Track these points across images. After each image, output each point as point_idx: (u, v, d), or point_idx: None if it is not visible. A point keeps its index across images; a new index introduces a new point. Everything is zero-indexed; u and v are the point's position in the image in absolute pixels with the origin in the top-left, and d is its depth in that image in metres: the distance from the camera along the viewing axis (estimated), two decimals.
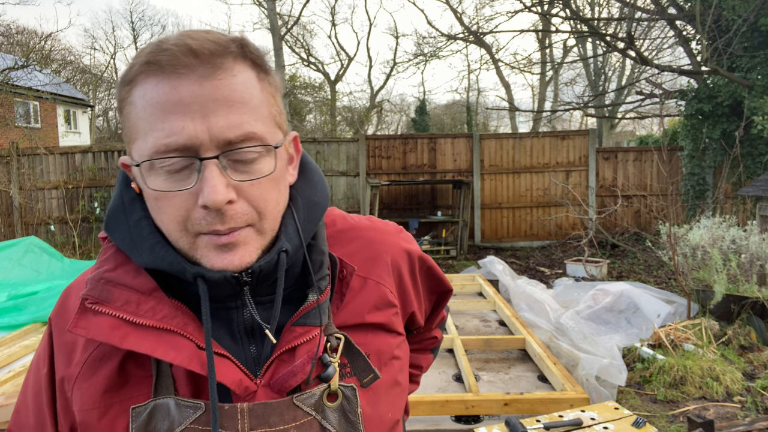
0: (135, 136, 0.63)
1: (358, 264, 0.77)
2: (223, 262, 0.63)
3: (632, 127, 26.90)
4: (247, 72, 0.64)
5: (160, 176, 0.62)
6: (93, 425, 0.66)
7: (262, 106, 0.64)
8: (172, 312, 0.65)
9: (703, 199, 8.88)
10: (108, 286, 0.66)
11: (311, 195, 0.74)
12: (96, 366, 0.67)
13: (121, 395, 0.66)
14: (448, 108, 30.27)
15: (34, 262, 7.22)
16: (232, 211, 0.61)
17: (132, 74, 0.62)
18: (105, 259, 0.69)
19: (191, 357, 0.63)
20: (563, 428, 1.95)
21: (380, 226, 0.85)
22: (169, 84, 0.60)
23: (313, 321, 0.68)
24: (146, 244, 0.66)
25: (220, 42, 0.62)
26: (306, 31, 31.08)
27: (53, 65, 21.83)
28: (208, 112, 0.60)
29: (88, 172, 10.02)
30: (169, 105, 0.60)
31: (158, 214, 0.64)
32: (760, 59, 7.89)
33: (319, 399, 0.67)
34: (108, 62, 30.83)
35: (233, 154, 0.62)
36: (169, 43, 0.61)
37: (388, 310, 0.78)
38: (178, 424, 0.63)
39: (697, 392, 3.66)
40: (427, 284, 0.92)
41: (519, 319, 3.69)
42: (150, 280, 0.66)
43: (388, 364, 0.76)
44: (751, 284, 4.73)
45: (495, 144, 10.22)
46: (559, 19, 13.73)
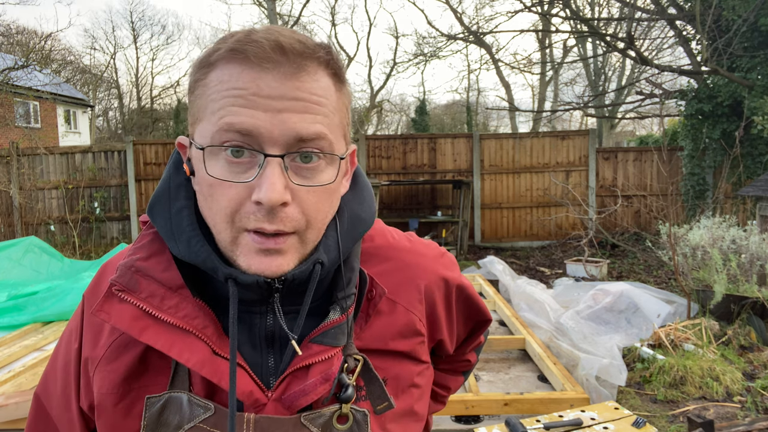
0: (201, 117, 0.62)
1: (390, 286, 0.74)
2: (261, 265, 0.61)
3: (632, 127, 26.91)
4: (327, 79, 0.63)
5: (220, 162, 0.61)
6: (108, 409, 0.67)
7: (335, 114, 0.64)
8: (194, 312, 0.64)
9: (703, 199, 8.88)
10: (137, 276, 0.65)
11: (358, 210, 0.72)
12: (120, 352, 0.67)
13: (139, 383, 0.67)
14: (448, 108, 30.27)
15: (34, 262, 7.22)
16: (282, 214, 0.60)
17: (214, 58, 0.61)
18: (140, 247, 0.69)
19: (204, 362, 0.63)
20: (563, 428, 1.95)
21: (420, 249, 0.81)
22: (250, 74, 0.59)
23: (330, 341, 0.66)
24: (184, 236, 0.65)
25: (309, 45, 0.62)
26: (306, 31, 31.07)
27: (53, 65, 21.82)
28: (284, 109, 0.59)
29: (88, 172, 10.02)
30: (245, 93, 0.59)
31: (208, 201, 0.62)
32: (760, 59, 7.88)
33: (329, 420, 0.65)
34: (108, 62, 30.81)
35: (298, 155, 0.61)
36: (259, 35, 0.60)
37: (414, 338, 0.75)
38: (188, 421, 0.64)
39: (697, 392, 3.66)
40: (464, 313, 0.88)
41: (519, 319, 3.69)
42: (178, 277, 0.66)
43: (406, 392, 0.74)
44: (751, 284, 4.73)
45: (495, 144, 10.22)
46: (559, 19, 13.74)
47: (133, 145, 9.98)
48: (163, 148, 10.10)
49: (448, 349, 0.88)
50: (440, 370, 0.97)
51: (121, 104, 30.83)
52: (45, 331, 5.03)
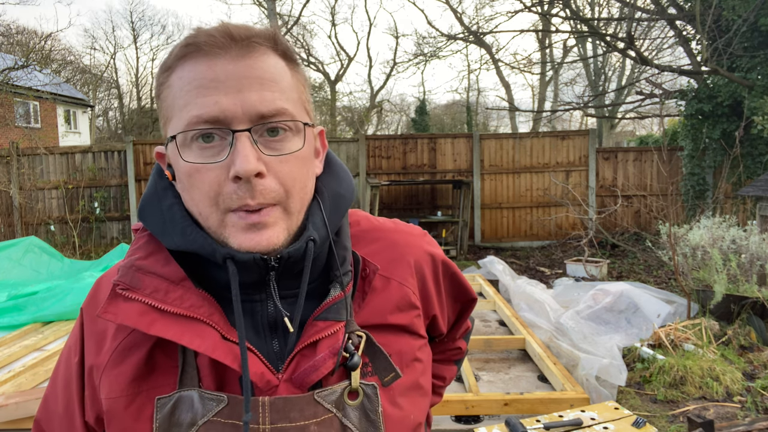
0: (171, 115, 0.66)
1: (381, 264, 0.77)
2: (251, 242, 0.64)
3: (632, 127, 26.91)
4: (277, 58, 0.67)
5: (194, 150, 0.64)
6: (119, 413, 0.67)
7: (292, 90, 0.68)
8: (199, 301, 0.67)
9: (703, 199, 8.88)
10: (138, 274, 0.67)
11: (337, 187, 0.75)
12: (125, 354, 0.68)
13: (148, 384, 0.67)
14: (448, 108, 30.27)
15: (34, 262, 7.22)
16: (261, 186, 0.63)
17: (171, 60, 0.66)
18: (137, 248, 0.71)
19: (216, 346, 0.64)
20: (563, 428, 1.95)
21: (404, 229, 0.85)
22: (205, 63, 0.63)
23: (335, 316, 0.68)
24: (178, 227, 0.67)
25: (254, 29, 0.66)
26: (306, 31, 31.10)
27: (53, 65, 21.82)
28: (242, 88, 0.63)
29: (88, 172, 10.02)
30: (204, 81, 0.63)
31: (190, 191, 0.65)
32: (760, 59, 7.89)
33: (340, 396, 0.67)
34: (108, 62, 30.82)
35: (264, 127, 0.64)
36: (208, 29, 0.65)
37: (410, 311, 0.78)
38: (201, 416, 0.64)
39: (697, 392, 3.66)
40: (451, 291, 0.91)
41: (519, 319, 3.69)
42: (179, 270, 0.68)
43: (410, 366, 0.76)
44: (751, 284, 4.73)
45: (495, 144, 10.22)
46: (559, 19, 13.74)
47: (133, 145, 9.98)
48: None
49: (442, 329, 0.90)
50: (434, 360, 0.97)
51: (121, 104, 30.84)
52: (45, 331, 5.03)
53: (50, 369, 4.00)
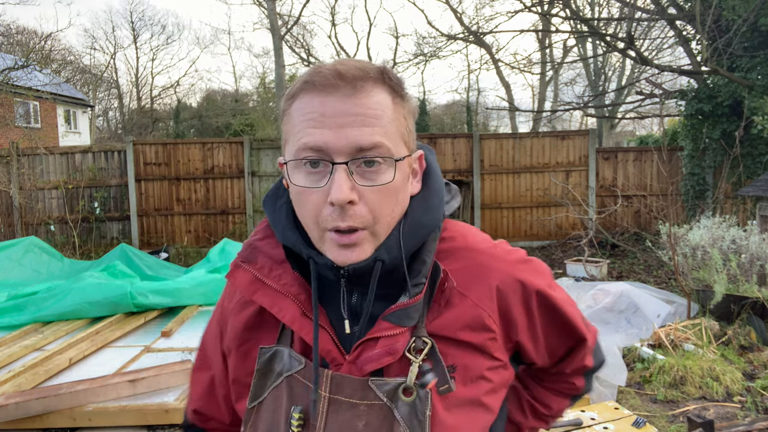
0: (288, 140, 0.78)
1: (461, 282, 0.82)
2: (342, 257, 0.75)
3: (632, 127, 26.91)
4: (383, 94, 0.76)
5: (301, 174, 0.75)
6: (233, 351, 0.88)
7: (391, 124, 0.76)
8: (292, 281, 0.82)
9: (703, 199, 8.88)
10: (255, 251, 0.86)
11: (421, 215, 0.82)
12: (243, 307, 0.88)
13: (256, 334, 0.86)
14: (448, 108, 30.26)
15: (34, 262, 7.21)
16: (351, 211, 0.73)
17: (293, 91, 0.78)
18: (260, 230, 0.90)
19: (295, 319, 0.79)
20: (563, 428, 1.95)
21: (497, 253, 0.88)
22: (318, 100, 0.74)
23: (397, 320, 0.77)
24: (281, 225, 0.83)
25: (364, 68, 0.76)
26: (306, 31, 31.08)
27: (53, 65, 21.80)
28: (345, 124, 0.73)
29: (88, 172, 10.02)
30: (315, 116, 0.74)
31: (299, 206, 0.78)
32: (760, 59, 7.88)
33: (394, 389, 0.76)
34: (108, 62, 30.80)
35: (362, 161, 0.73)
36: (324, 67, 0.75)
37: (483, 333, 0.81)
38: (287, 370, 0.81)
39: (697, 392, 3.66)
40: (551, 323, 0.91)
41: None
42: (282, 253, 0.83)
43: (475, 382, 0.81)
44: (751, 284, 4.73)
45: (495, 144, 10.22)
46: (559, 19, 13.73)
47: (133, 145, 9.98)
48: (162, 148, 10.11)
49: (533, 358, 0.92)
50: (543, 388, 1.04)
51: (121, 104, 30.84)
52: (45, 331, 5.03)
53: (50, 369, 4.00)
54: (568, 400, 1.06)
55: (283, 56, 19.76)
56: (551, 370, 1.00)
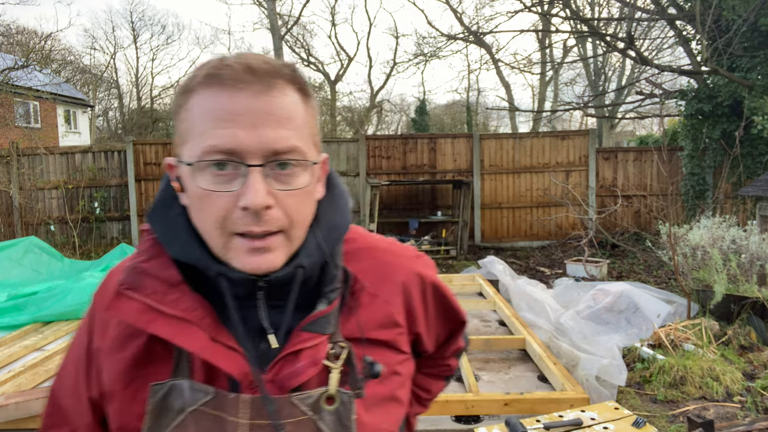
0: (187, 139, 0.70)
1: (370, 281, 0.82)
2: (253, 264, 0.69)
3: (632, 127, 26.90)
4: (295, 94, 0.72)
5: (207, 176, 0.68)
6: (117, 394, 0.76)
7: (304, 126, 0.72)
8: (194, 305, 0.72)
9: (703, 199, 8.88)
10: (141, 276, 0.74)
11: (334, 217, 0.80)
12: (125, 342, 0.76)
13: (145, 370, 0.75)
14: (448, 108, 30.26)
15: (34, 262, 7.21)
16: (267, 216, 0.68)
17: (193, 84, 0.70)
18: (142, 251, 0.77)
19: (204, 347, 0.70)
20: (563, 428, 1.95)
21: (397, 250, 0.90)
22: (226, 96, 0.67)
23: (318, 329, 0.74)
24: (180, 239, 0.74)
25: (275, 65, 0.70)
26: (306, 31, 31.10)
27: (53, 65, 21.80)
28: (259, 124, 0.67)
29: (88, 172, 10.02)
30: (223, 114, 0.67)
31: (199, 212, 0.71)
32: (760, 59, 7.88)
33: (317, 401, 0.72)
34: (108, 62, 30.80)
35: (276, 164, 0.69)
36: (231, 60, 0.69)
37: (393, 329, 0.83)
38: (189, 405, 0.71)
39: (697, 392, 3.66)
40: (440, 312, 0.95)
41: (519, 319, 3.69)
42: (177, 274, 0.74)
43: (389, 379, 0.81)
44: (751, 284, 4.73)
45: (495, 144, 10.22)
46: (559, 19, 13.73)
47: (133, 145, 9.98)
48: (163, 148, 10.11)
49: (426, 346, 0.95)
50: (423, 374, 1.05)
51: (121, 104, 30.83)
52: (45, 331, 5.03)
53: (50, 369, 4.00)
54: (444, 382, 1.12)
55: (283, 56, 19.78)
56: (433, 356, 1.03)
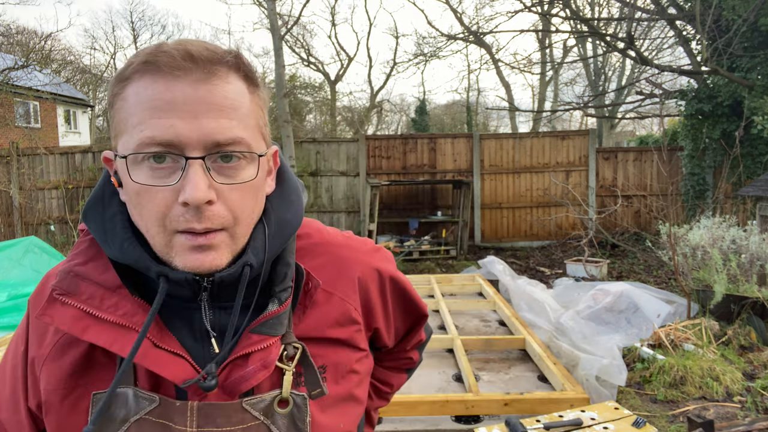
0: (123, 130, 0.65)
1: (325, 278, 0.78)
2: (195, 262, 0.65)
3: (632, 127, 26.90)
4: (239, 82, 0.67)
5: (143, 171, 0.63)
6: (55, 405, 0.70)
7: (250, 116, 0.67)
8: (134, 309, 0.68)
9: (703, 199, 8.88)
10: (76, 279, 0.68)
11: (285, 213, 0.76)
12: (64, 350, 0.70)
13: (86, 379, 0.69)
14: (448, 108, 30.25)
15: (34, 262, 7.21)
16: (209, 212, 0.63)
17: (128, 72, 0.65)
18: (78, 253, 0.72)
19: (145, 354, 0.66)
20: (563, 428, 1.95)
21: (353, 244, 0.86)
22: (163, 84, 0.62)
23: (269, 330, 0.70)
24: (117, 239, 0.68)
25: (217, 51, 0.65)
26: (306, 31, 31.08)
27: (53, 65, 21.80)
28: (199, 114, 0.62)
29: (88, 172, 10.02)
30: (161, 103, 0.62)
31: (138, 208, 0.66)
32: (760, 59, 7.88)
33: (270, 404, 0.69)
34: (108, 62, 30.80)
35: (218, 156, 0.64)
36: (169, 46, 0.64)
37: (350, 326, 0.80)
38: (134, 414, 0.67)
39: (697, 392, 3.66)
40: (400, 306, 0.93)
41: (519, 319, 3.69)
42: (116, 278, 0.69)
43: (346, 378, 0.78)
44: (751, 284, 4.73)
45: (495, 144, 10.22)
46: (559, 19, 13.73)
47: None
48: None
49: (386, 341, 0.93)
50: (383, 367, 1.03)
51: None
52: None
53: None
54: (406, 375, 1.09)
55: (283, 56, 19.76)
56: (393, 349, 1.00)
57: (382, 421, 2.39)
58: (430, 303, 4.18)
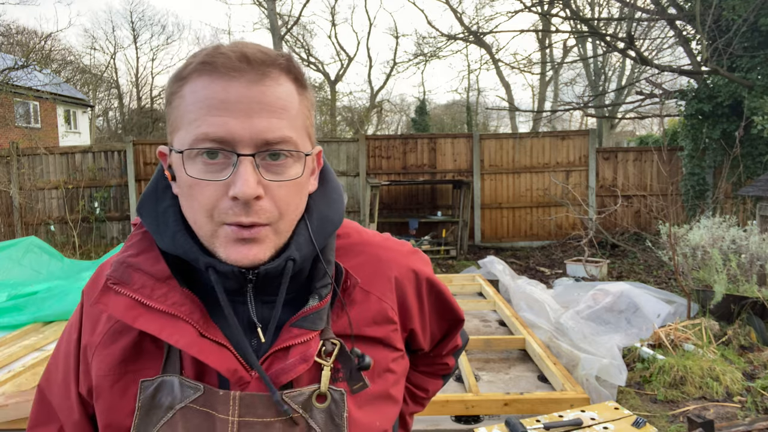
0: (179, 126, 0.69)
1: (363, 277, 0.80)
2: (239, 254, 0.68)
3: (632, 127, 26.90)
4: (289, 84, 0.70)
5: (197, 165, 0.67)
6: (105, 390, 0.74)
7: (298, 117, 0.71)
8: (182, 299, 0.71)
9: (703, 199, 8.88)
10: (129, 270, 0.72)
11: (326, 210, 0.79)
12: (115, 337, 0.74)
13: (135, 366, 0.73)
14: (448, 108, 30.25)
15: (34, 262, 7.21)
16: (257, 207, 0.67)
17: (187, 71, 0.69)
18: (131, 245, 0.75)
19: (192, 342, 0.68)
20: (563, 428, 1.95)
21: (391, 245, 0.88)
22: (220, 84, 0.66)
23: (309, 325, 0.72)
24: (170, 230, 0.72)
25: (270, 54, 0.69)
26: (306, 31, 31.11)
27: (53, 65, 21.81)
28: (252, 114, 0.66)
29: (88, 172, 10.02)
30: (216, 102, 0.66)
31: (189, 200, 0.69)
32: (760, 59, 7.88)
33: (308, 398, 0.71)
34: (108, 62, 30.80)
35: (267, 154, 0.68)
36: (226, 48, 0.68)
37: (387, 326, 0.81)
38: (179, 401, 0.70)
39: (697, 392, 3.66)
40: (436, 309, 0.94)
41: (519, 319, 3.69)
42: (166, 269, 0.72)
43: (382, 377, 0.79)
44: (751, 284, 4.73)
45: (495, 144, 10.22)
46: (559, 19, 13.73)
47: (133, 145, 9.98)
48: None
49: (421, 343, 0.94)
50: (419, 372, 1.04)
51: (121, 104, 30.83)
52: (45, 331, 5.03)
53: None
54: (442, 381, 1.10)
55: None
56: (429, 354, 1.01)
57: None
58: None
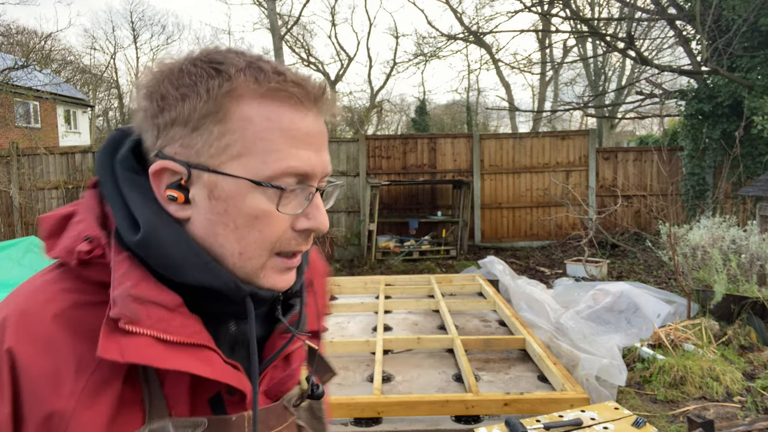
0: (245, 153, 0.62)
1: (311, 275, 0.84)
2: (284, 282, 0.68)
3: (632, 127, 26.91)
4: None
5: (271, 197, 0.63)
6: None
7: None
8: (197, 326, 0.64)
9: (703, 199, 8.88)
10: (135, 304, 0.60)
11: None
12: (97, 392, 0.60)
13: (118, 422, 0.61)
14: (448, 108, 30.25)
15: (34, 262, 7.20)
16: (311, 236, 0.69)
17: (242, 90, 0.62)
18: (123, 274, 0.61)
19: (223, 370, 0.64)
20: (563, 428, 1.95)
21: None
22: (298, 115, 0.64)
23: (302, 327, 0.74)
24: (199, 260, 0.63)
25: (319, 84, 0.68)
26: (306, 31, 31.09)
27: (53, 65, 21.81)
28: (321, 148, 0.67)
29: (88, 172, 10.02)
30: (299, 134, 0.64)
31: (244, 230, 0.63)
32: (760, 59, 7.89)
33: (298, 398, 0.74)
34: (108, 62, 30.82)
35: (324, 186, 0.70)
36: (298, 77, 0.65)
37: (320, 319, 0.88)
38: None
39: (697, 392, 3.66)
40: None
41: (519, 319, 3.69)
42: (175, 296, 0.63)
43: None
44: (751, 284, 4.73)
45: (495, 144, 10.22)
46: (559, 19, 13.73)
47: None
48: None
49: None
50: None
51: (121, 104, 30.84)
52: None
53: None
54: None
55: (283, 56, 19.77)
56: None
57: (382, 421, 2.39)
58: (430, 303, 4.18)
